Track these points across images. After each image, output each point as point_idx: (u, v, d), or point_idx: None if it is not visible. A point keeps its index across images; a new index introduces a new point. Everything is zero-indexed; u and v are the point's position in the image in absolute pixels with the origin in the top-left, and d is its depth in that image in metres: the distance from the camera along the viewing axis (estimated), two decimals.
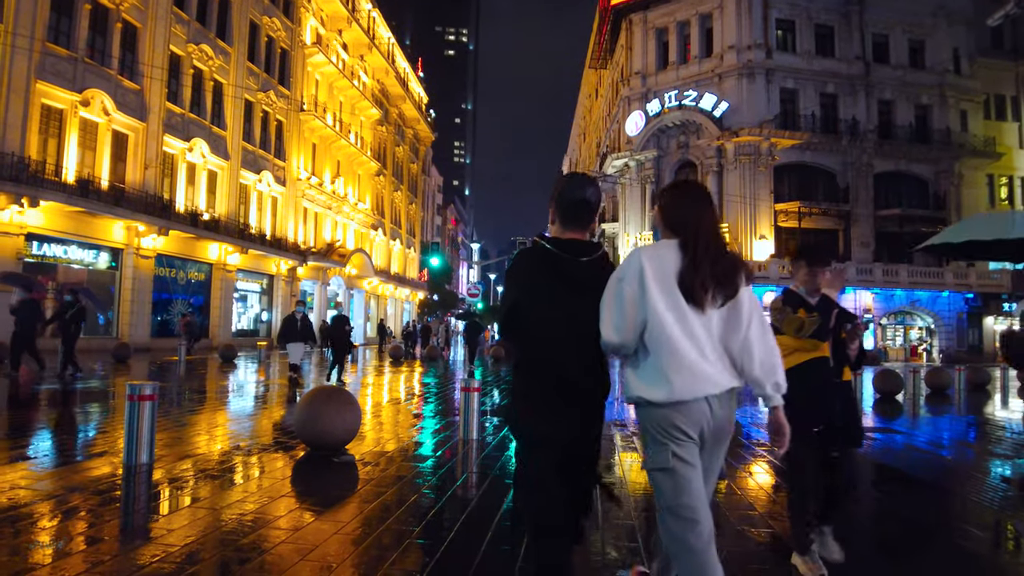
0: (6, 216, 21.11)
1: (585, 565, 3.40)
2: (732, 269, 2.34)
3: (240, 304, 35.38)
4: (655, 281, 2.25)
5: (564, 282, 2.47)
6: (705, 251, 2.29)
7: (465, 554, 3.54)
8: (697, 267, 2.26)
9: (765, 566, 3.53)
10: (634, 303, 2.25)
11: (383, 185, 55.47)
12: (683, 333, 2.23)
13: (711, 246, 2.32)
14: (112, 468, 5.30)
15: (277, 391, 12.67)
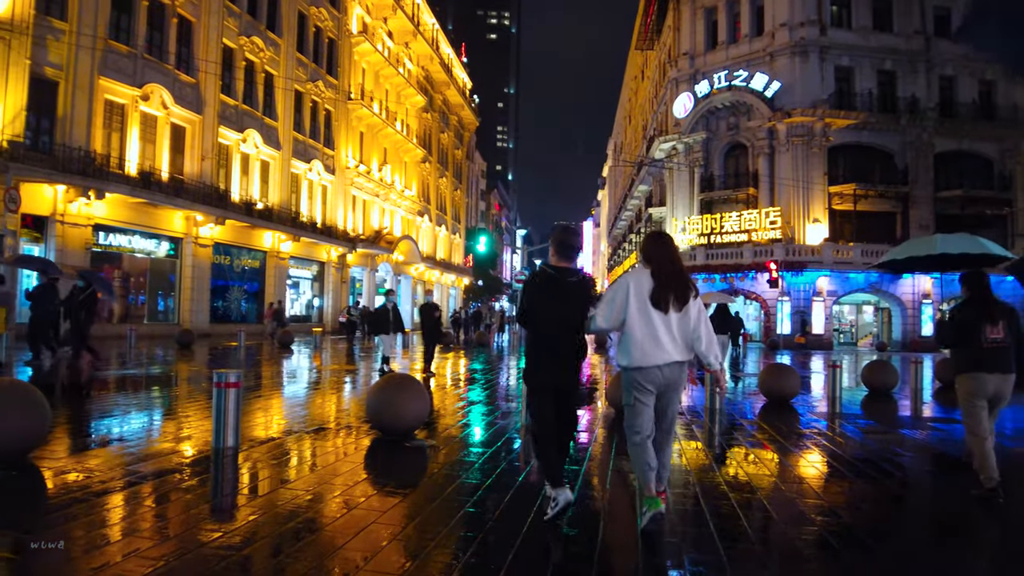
0: (75, 208, 22.08)
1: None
2: (685, 288, 3.86)
3: (293, 291, 36.30)
4: (634, 296, 3.83)
5: (558, 293, 4.15)
6: (667, 278, 3.85)
7: (537, 538, 3.65)
8: (662, 288, 3.82)
9: (820, 552, 3.56)
10: (619, 307, 3.86)
11: (428, 172, 55.90)
12: (646, 328, 3.79)
13: (671, 275, 3.87)
14: (201, 451, 5.59)
15: (344, 377, 13.03)
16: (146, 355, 16.24)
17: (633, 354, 3.80)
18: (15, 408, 4.79)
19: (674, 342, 3.81)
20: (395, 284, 47.48)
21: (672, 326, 3.81)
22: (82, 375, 11.30)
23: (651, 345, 3.77)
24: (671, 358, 3.79)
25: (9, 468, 4.72)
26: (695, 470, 5.57)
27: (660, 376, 3.80)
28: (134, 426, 6.95)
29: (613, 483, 5.05)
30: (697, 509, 4.38)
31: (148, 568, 3.07)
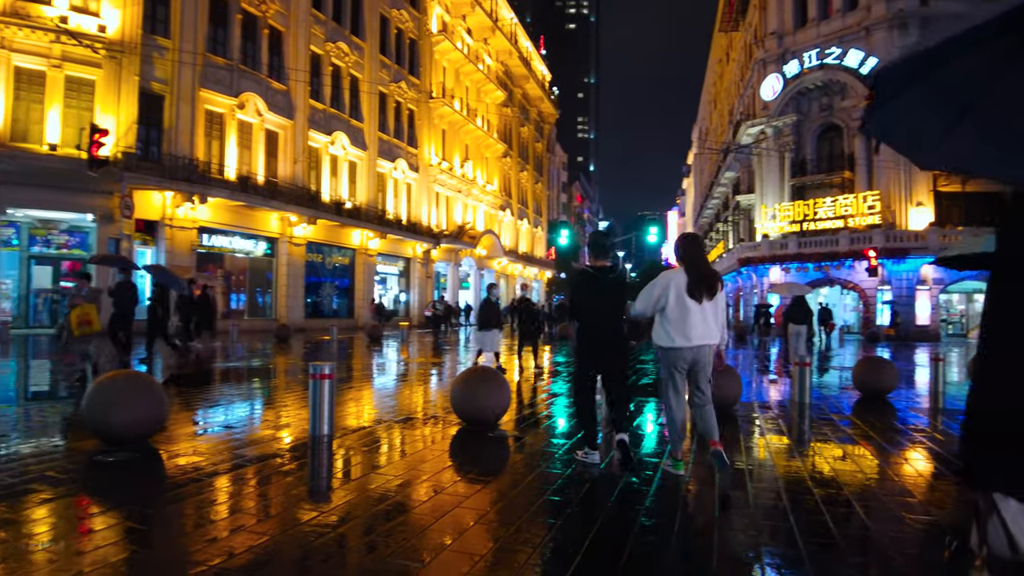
0: (181, 212, 23.72)
1: None
2: (713, 282, 4.73)
3: (380, 286, 37.55)
4: (673, 288, 4.69)
5: (599, 289, 5.02)
6: (699, 273, 4.70)
7: (614, 526, 3.71)
8: (696, 284, 4.67)
9: (920, 551, 3.44)
10: (656, 298, 4.74)
11: (509, 166, 56.33)
12: (682, 314, 4.65)
13: (703, 270, 4.73)
14: (299, 438, 5.97)
15: (430, 369, 13.44)
16: (248, 349, 17.27)
17: (673, 337, 4.69)
18: (138, 397, 5.30)
19: (705, 325, 4.68)
20: (478, 278, 48.22)
21: (705, 312, 4.69)
22: (198, 362, 12.28)
23: (686, 329, 4.66)
24: (702, 340, 4.68)
25: (133, 451, 5.24)
26: (779, 464, 5.45)
27: (691, 355, 4.73)
28: (239, 414, 7.47)
29: (693, 476, 5.03)
30: (778, 503, 4.31)
31: (253, 542, 3.35)
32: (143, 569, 3.08)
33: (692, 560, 3.39)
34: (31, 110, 21.27)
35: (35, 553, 3.24)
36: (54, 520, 3.76)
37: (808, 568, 3.21)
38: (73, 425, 6.54)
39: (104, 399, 5.18)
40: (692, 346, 4.67)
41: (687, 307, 4.64)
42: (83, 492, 4.29)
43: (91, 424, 5.26)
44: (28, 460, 5.01)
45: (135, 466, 4.93)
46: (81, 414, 5.33)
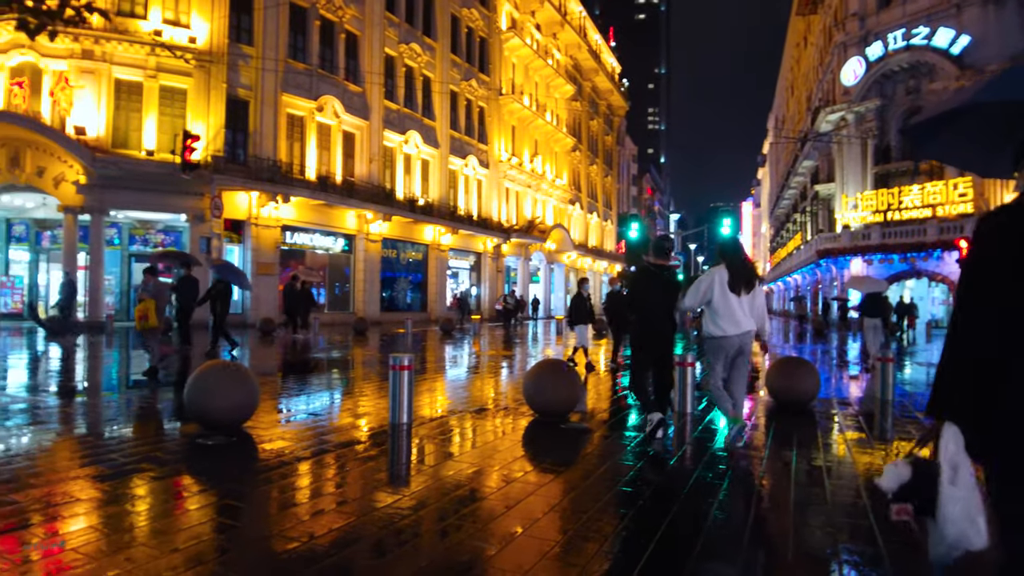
0: (266, 212, 24.87)
1: None
2: (751, 278, 5.45)
3: (452, 280, 38.22)
4: (718, 284, 5.36)
5: (657, 285, 5.81)
6: (738, 271, 5.40)
7: (686, 518, 3.76)
8: (736, 279, 5.37)
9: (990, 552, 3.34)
10: (703, 293, 5.40)
11: (579, 160, 56.11)
12: (725, 307, 5.34)
13: (741, 268, 5.42)
14: (379, 426, 6.27)
15: (502, 362, 13.68)
16: (328, 341, 18.00)
17: (722, 326, 5.39)
18: (234, 386, 5.71)
19: (746, 316, 5.42)
20: (548, 272, 48.33)
21: (744, 305, 5.42)
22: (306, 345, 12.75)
23: (732, 319, 5.38)
24: (744, 328, 5.40)
25: (230, 435, 5.65)
26: (859, 462, 5.34)
27: (737, 342, 5.41)
28: (323, 402, 7.88)
29: (768, 471, 5.00)
30: (858, 501, 4.25)
31: (336, 524, 3.59)
32: (236, 544, 3.36)
33: (767, 555, 3.41)
34: (130, 119, 22.79)
35: (141, 525, 3.59)
36: (160, 496, 4.13)
37: (888, 567, 3.17)
38: (174, 411, 7.07)
39: (204, 387, 5.61)
40: (740, 333, 5.39)
41: (730, 300, 5.37)
42: (186, 472, 4.67)
43: (192, 410, 5.69)
44: (137, 442, 5.49)
45: (231, 449, 5.31)
46: (182, 401, 5.78)
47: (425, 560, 3.13)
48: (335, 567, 3.02)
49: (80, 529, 3.45)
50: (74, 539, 3.29)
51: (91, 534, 3.38)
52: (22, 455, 5.03)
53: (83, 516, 3.68)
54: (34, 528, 3.44)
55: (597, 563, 3.11)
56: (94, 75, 22.03)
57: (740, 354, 5.44)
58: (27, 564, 2.99)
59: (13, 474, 4.45)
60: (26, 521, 3.53)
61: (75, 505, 3.83)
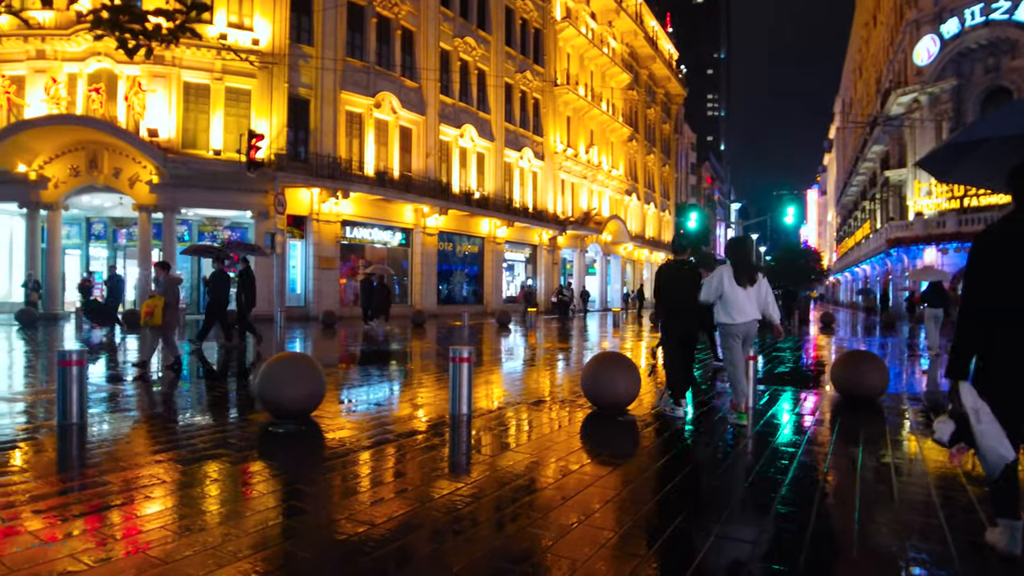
0: (327, 207, 25.53)
1: None
2: (754, 273, 6.16)
3: (508, 273, 38.39)
4: (727, 279, 6.05)
5: (677, 277, 6.74)
6: (742, 267, 6.13)
7: (746, 513, 3.71)
8: (740, 274, 6.09)
9: None
10: (715, 287, 6.09)
11: (635, 149, 55.37)
12: (733, 299, 6.04)
13: (745, 265, 6.16)
14: (440, 417, 6.40)
15: (558, 354, 13.70)
16: (388, 333, 18.36)
17: (732, 315, 6.15)
18: (303, 377, 5.94)
19: (752, 307, 6.17)
20: (604, 264, 47.96)
21: (750, 296, 6.17)
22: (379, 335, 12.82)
23: (740, 309, 6.13)
24: (750, 317, 6.17)
25: (299, 423, 5.89)
26: (929, 459, 5.15)
27: (744, 328, 6.21)
28: (385, 393, 8.08)
29: (832, 467, 4.88)
30: (927, 500, 4.11)
31: (396, 511, 3.70)
32: (303, 528, 3.51)
33: (831, 551, 3.34)
34: (198, 120, 23.75)
35: (216, 508, 3.79)
36: (235, 481, 4.34)
37: (958, 566, 3.07)
38: (246, 400, 7.38)
39: (275, 377, 5.85)
40: (746, 321, 6.16)
41: (737, 292, 6.11)
42: (259, 458, 4.89)
43: (264, 399, 5.95)
44: (214, 429, 5.77)
45: (300, 437, 5.53)
46: (254, 390, 6.04)
47: (482, 549, 3.18)
48: (396, 553, 3.11)
49: (161, 510, 3.68)
50: (157, 519, 3.51)
51: (171, 515, 3.60)
52: (109, 440, 5.36)
53: (165, 497, 3.92)
54: (122, 507, 3.68)
55: (654, 556, 3.11)
56: (165, 79, 23.03)
57: (746, 340, 6.31)
58: (114, 541, 3.20)
59: (105, 456, 4.78)
60: (114, 501, 3.79)
61: (159, 487, 4.08)
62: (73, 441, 5.25)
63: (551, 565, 2.98)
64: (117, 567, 2.89)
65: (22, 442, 5.22)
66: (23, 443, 5.19)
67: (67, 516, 3.53)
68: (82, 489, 4.02)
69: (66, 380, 5.53)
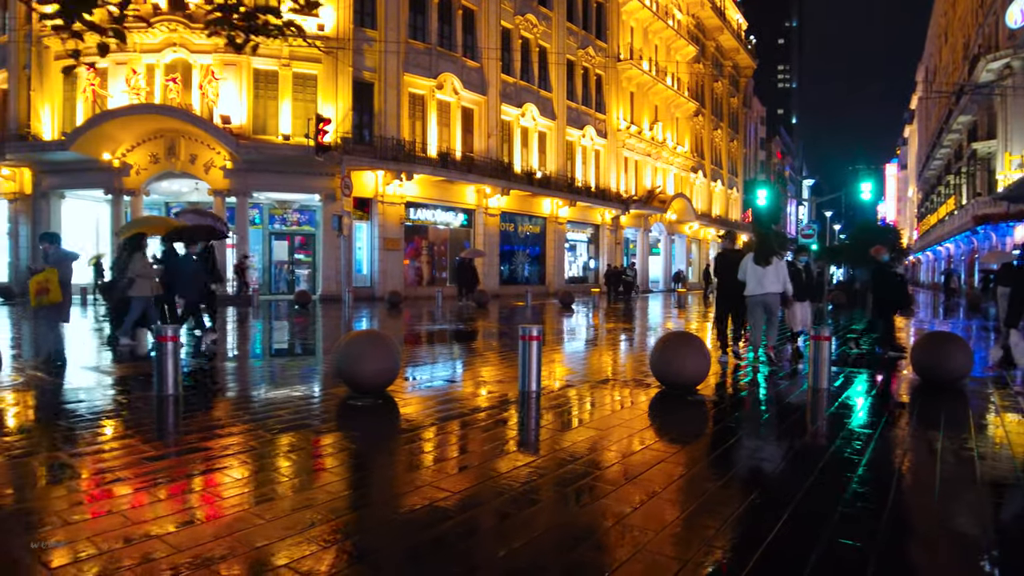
0: (391, 189, 25.95)
1: None
2: (769, 256, 8.30)
3: (570, 253, 38.19)
4: (750, 261, 8.41)
5: (730, 263, 8.91)
6: (760, 252, 8.39)
7: (816, 499, 3.59)
8: (758, 257, 8.36)
9: None
10: (744, 268, 8.49)
11: (702, 125, 53.87)
12: (754, 276, 8.35)
13: (763, 250, 8.40)
14: (508, 394, 6.49)
15: (624, 335, 13.61)
16: (453, 313, 18.62)
17: (752, 288, 8.25)
18: (380, 353, 6.16)
19: (770, 282, 8.16)
20: (668, 244, 47.10)
21: (769, 273, 8.17)
22: (469, 311, 13.17)
23: (759, 283, 8.21)
24: (767, 290, 8.19)
25: (376, 397, 6.11)
26: (1017, 444, 4.87)
27: (761, 299, 8.27)
28: (454, 370, 8.24)
29: (910, 449, 4.68)
30: (1007, 482, 3.90)
31: (461, 486, 3.79)
32: (373, 498, 3.67)
33: (910, 535, 3.21)
34: (267, 106, 24.46)
35: (292, 477, 4.01)
36: (315, 451, 4.56)
37: None
38: (323, 375, 7.66)
39: (354, 353, 6.09)
40: (762, 293, 8.23)
41: (757, 271, 8.21)
42: (338, 430, 5.12)
43: (343, 374, 6.19)
44: (298, 402, 6.07)
45: (377, 411, 5.75)
46: (335, 366, 6.27)
47: (543, 527, 3.19)
48: (457, 528, 3.16)
49: (245, 476, 3.94)
50: (239, 486, 3.75)
51: (254, 481, 3.84)
52: (202, 410, 5.70)
53: (252, 464, 4.18)
54: (214, 474, 3.94)
55: (720, 540, 3.04)
56: (236, 67, 23.78)
57: (768, 310, 8.38)
58: (197, 502, 3.44)
59: (202, 425, 5.10)
60: (208, 467, 4.06)
61: (249, 454, 4.35)
62: (170, 410, 5.58)
63: (615, 544, 2.97)
64: (223, 524, 3.10)
65: (123, 411, 5.58)
66: (123, 412, 5.55)
67: (175, 476, 3.81)
68: (188, 453, 4.32)
69: (162, 355, 5.91)
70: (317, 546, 2.85)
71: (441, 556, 2.80)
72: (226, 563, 2.67)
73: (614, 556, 2.83)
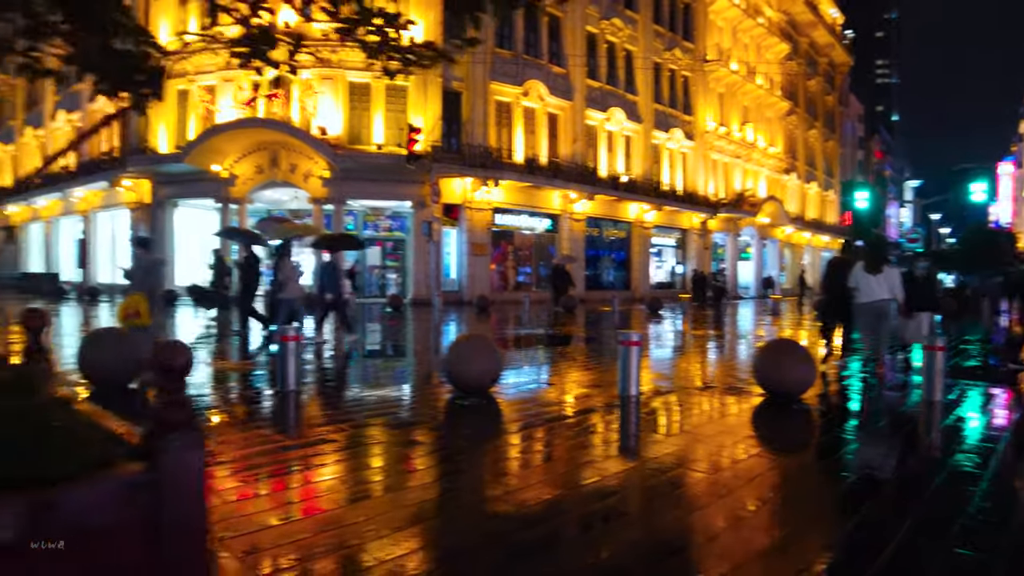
0: (479, 195, 26.42)
1: None
2: (880, 264, 7.93)
3: (656, 258, 37.61)
4: (860, 270, 8.04)
5: (841, 273, 8.70)
6: (871, 261, 8.04)
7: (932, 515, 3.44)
8: (869, 266, 7.97)
9: None
10: (854, 275, 8.09)
11: (794, 124, 51.85)
12: (865, 284, 7.92)
13: (873, 259, 8.09)
14: (606, 399, 6.57)
15: (717, 341, 13.33)
16: (540, 318, 18.75)
17: (862, 297, 7.92)
18: (484, 355, 6.39)
19: (880, 288, 7.78)
20: (759, 248, 45.55)
21: (881, 281, 7.80)
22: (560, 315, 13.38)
23: (868, 291, 7.86)
24: (876, 297, 7.80)
25: (480, 397, 6.32)
26: None
27: (870, 307, 7.89)
28: (552, 373, 8.37)
29: None
30: None
31: (550, 493, 3.84)
32: (464, 499, 3.80)
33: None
34: (361, 117, 25.47)
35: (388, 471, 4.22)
36: (421, 447, 4.77)
37: None
38: (428, 376, 7.96)
39: (461, 355, 6.35)
40: (872, 301, 7.85)
41: (868, 279, 7.87)
42: (446, 427, 5.35)
43: (449, 375, 6.44)
44: (406, 401, 6.37)
45: (481, 410, 5.97)
46: (440, 367, 6.54)
47: (629, 539, 3.08)
48: (544, 536, 3.11)
49: (376, 466, 4.27)
50: (374, 473, 4.03)
51: (383, 472, 4.14)
52: (328, 406, 6.06)
53: (357, 457, 4.48)
54: (342, 462, 4.23)
55: (821, 561, 2.86)
56: (332, 81, 24.88)
57: (877, 317, 7.92)
58: (343, 485, 3.69)
59: (327, 420, 5.48)
60: (339, 457, 4.36)
61: (373, 445, 4.64)
62: (291, 405, 5.98)
63: (708, 560, 2.83)
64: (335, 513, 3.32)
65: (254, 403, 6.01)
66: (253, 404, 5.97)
67: (309, 464, 4.12)
68: (313, 444, 4.63)
69: (285, 353, 6.37)
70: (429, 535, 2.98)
71: (539, 558, 2.87)
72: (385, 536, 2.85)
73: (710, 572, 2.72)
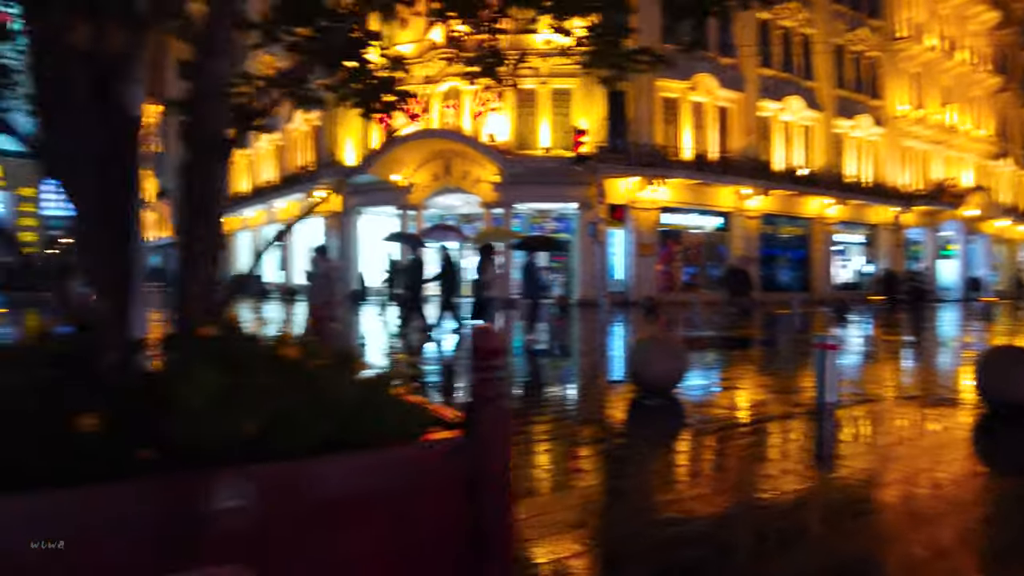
0: (645, 195, 25.97)
1: None
2: None
3: (840, 257, 34.71)
4: None
5: None
6: None
7: None
8: None
9: None
10: None
11: (1008, 102, 45.38)
12: None
13: None
14: (796, 405, 6.17)
15: (921, 347, 12.05)
16: (714, 320, 17.97)
17: None
18: (668, 355, 6.29)
19: None
20: (964, 245, 40.39)
21: None
22: None
23: None
24: None
25: (664, 397, 6.17)
26: None
27: None
28: (736, 375, 8.00)
29: None
30: None
31: (726, 504, 3.56)
32: (631, 503, 3.64)
33: None
34: (527, 122, 26.06)
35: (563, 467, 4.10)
36: (611, 444, 4.70)
37: None
38: (607, 374, 7.95)
39: (645, 356, 6.28)
40: None
41: None
42: (628, 426, 5.25)
43: (635, 374, 6.39)
44: (596, 398, 6.48)
45: (664, 411, 5.85)
46: (627, 367, 6.52)
47: (822, 558, 2.78)
48: (712, 554, 2.88)
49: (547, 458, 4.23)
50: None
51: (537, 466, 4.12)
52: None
53: (552, 450, 4.49)
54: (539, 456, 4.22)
55: None
56: (502, 88, 25.65)
57: None
58: None
59: (515, 414, 5.56)
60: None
61: (556, 439, 4.69)
62: None
63: None
64: None
65: None
66: None
67: None
68: None
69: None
70: None
71: None
72: None
73: None
